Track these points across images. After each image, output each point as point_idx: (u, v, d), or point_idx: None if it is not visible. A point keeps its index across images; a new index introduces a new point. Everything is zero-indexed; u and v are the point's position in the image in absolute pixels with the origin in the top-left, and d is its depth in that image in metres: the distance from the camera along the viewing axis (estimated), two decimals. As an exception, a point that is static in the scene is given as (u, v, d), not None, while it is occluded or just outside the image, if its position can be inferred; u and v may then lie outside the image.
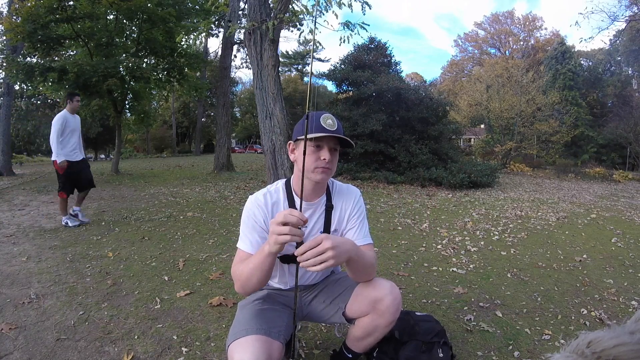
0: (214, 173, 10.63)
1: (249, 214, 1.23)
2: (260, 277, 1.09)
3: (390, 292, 1.23)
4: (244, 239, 1.21)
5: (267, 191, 1.26)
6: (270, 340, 1.11)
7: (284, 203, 1.25)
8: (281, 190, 1.27)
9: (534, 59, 27.93)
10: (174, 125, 30.75)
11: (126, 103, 11.23)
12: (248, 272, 1.09)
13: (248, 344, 1.07)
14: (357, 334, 1.34)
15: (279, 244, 0.97)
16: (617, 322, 2.04)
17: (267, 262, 1.05)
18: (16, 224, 4.19)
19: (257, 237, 1.20)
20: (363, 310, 1.27)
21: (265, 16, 4.93)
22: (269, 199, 1.24)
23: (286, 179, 1.31)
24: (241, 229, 1.24)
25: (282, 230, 0.95)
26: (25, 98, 20.12)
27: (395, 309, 1.24)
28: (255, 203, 1.23)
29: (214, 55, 25.29)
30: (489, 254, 3.38)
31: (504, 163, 15.31)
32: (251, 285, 1.11)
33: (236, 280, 1.15)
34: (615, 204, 7.01)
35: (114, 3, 8.85)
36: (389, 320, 1.26)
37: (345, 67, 10.75)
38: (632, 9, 14.65)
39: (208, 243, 3.50)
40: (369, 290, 1.25)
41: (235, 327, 1.17)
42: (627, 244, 3.89)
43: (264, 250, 1.03)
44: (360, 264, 1.13)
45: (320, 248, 0.94)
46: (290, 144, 1.24)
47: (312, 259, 0.94)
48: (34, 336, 1.80)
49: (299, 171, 1.15)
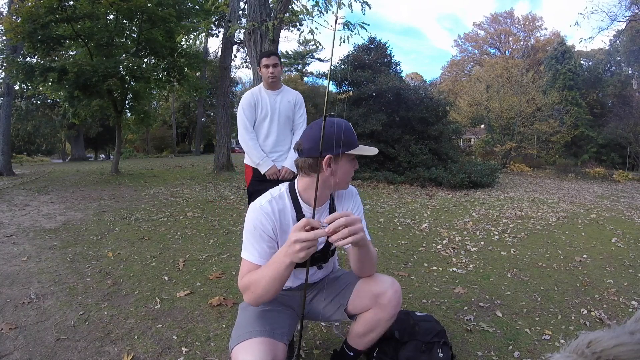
0: (214, 173, 10.62)
1: (255, 223, 1.15)
2: (278, 288, 1.06)
3: (391, 285, 1.27)
4: (250, 250, 1.15)
5: (271, 197, 1.20)
6: (275, 342, 1.11)
7: (291, 211, 1.20)
8: (286, 196, 1.22)
9: (534, 59, 27.91)
10: (174, 125, 30.72)
11: (126, 103, 11.21)
12: (266, 285, 1.04)
13: (253, 347, 1.06)
14: (359, 330, 1.34)
15: (303, 255, 0.93)
16: (617, 322, 2.04)
17: (287, 273, 1.02)
18: (16, 224, 4.19)
19: (266, 247, 1.15)
20: (365, 305, 1.29)
21: (265, 16, 4.94)
22: (275, 206, 1.18)
23: (288, 183, 1.26)
24: (246, 239, 1.17)
25: (309, 243, 0.92)
26: (25, 98, 20.10)
27: (397, 302, 1.27)
28: (262, 211, 1.16)
29: (214, 55, 25.27)
30: (489, 254, 3.38)
31: (504, 163, 15.31)
32: (268, 296, 1.08)
33: (249, 292, 1.10)
34: (615, 204, 7.01)
35: (114, 3, 8.84)
36: (390, 313, 1.28)
37: (345, 67, 10.75)
38: (632, 9, 14.65)
39: (208, 243, 3.50)
40: (370, 285, 1.29)
41: (239, 330, 1.16)
42: (627, 244, 3.89)
43: (284, 261, 0.98)
44: (369, 251, 1.17)
45: (352, 219, 0.94)
46: (329, 158, 1.11)
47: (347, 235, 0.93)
48: (34, 336, 1.80)
49: (326, 181, 1.15)
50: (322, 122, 1.06)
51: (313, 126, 1.16)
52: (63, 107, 12.34)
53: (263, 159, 2.43)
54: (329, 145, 1.07)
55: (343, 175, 1.16)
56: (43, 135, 24.37)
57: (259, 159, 2.43)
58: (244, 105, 2.46)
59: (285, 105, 2.51)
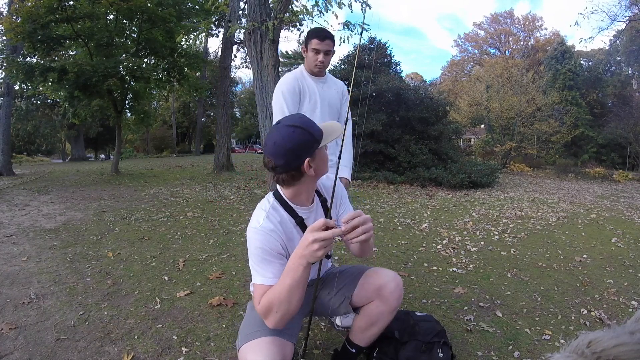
0: (214, 173, 10.63)
1: (262, 245, 1.10)
2: (301, 295, 1.01)
3: (393, 279, 1.31)
4: (262, 273, 1.09)
5: (266, 213, 1.15)
6: (284, 342, 1.11)
7: (289, 218, 1.19)
8: (278, 206, 1.19)
9: (534, 59, 27.92)
10: (174, 125, 30.73)
11: (126, 103, 11.23)
12: (288, 295, 1.00)
13: (262, 346, 1.06)
14: (361, 324, 1.37)
15: (321, 253, 0.94)
16: (617, 322, 2.04)
17: (306, 275, 0.99)
18: (16, 224, 4.19)
19: (278, 266, 1.10)
20: (368, 297, 1.33)
21: (265, 16, 4.94)
22: (274, 220, 1.15)
23: (272, 191, 1.24)
24: (255, 264, 1.11)
25: (326, 242, 0.94)
26: (25, 98, 20.07)
27: (398, 294, 1.31)
28: (265, 231, 1.11)
29: (214, 55, 25.26)
30: (489, 254, 3.38)
31: (504, 163, 15.31)
32: (293, 308, 1.02)
33: (272, 313, 1.03)
34: (615, 204, 7.01)
35: (114, 3, 8.84)
36: (392, 306, 1.31)
37: (345, 67, 10.75)
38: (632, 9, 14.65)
39: (208, 243, 3.50)
40: (373, 278, 1.34)
41: (247, 329, 1.15)
42: (627, 244, 3.89)
43: (301, 264, 0.96)
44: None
45: (365, 218, 0.98)
46: (308, 161, 1.08)
47: (361, 234, 0.97)
48: (34, 336, 1.80)
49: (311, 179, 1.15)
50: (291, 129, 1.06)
51: (275, 139, 1.07)
52: (63, 107, 12.35)
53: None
54: (302, 152, 1.06)
55: (323, 164, 1.16)
56: (43, 135, 24.35)
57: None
58: (285, 91, 1.98)
59: (334, 95, 2.12)
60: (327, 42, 1.92)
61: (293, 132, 1.05)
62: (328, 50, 1.94)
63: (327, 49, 1.94)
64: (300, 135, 1.06)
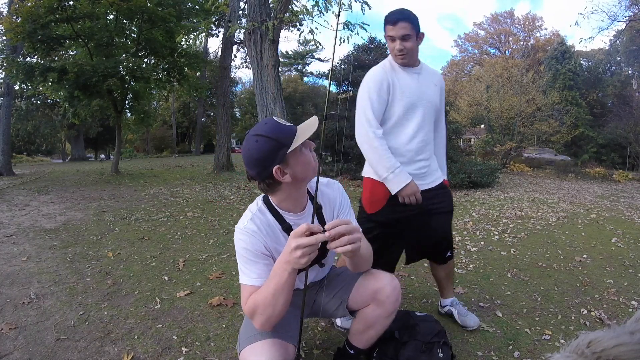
0: (214, 173, 10.63)
1: (245, 245, 1.10)
2: (287, 299, 1.01)
3: (389, 282, 1.28)
4: (247, 273, 1.10)
5: (252, 215, 1.15)
6: (285, 344, 1.11)
7: (275, 223, 1.16)
8: (265, 209, 1.18)
9: (534, 59, 27.90)
10: (174, 125, 30.73)
11: (126, 103, 11.24)
12: (272, 299, 0.99)
13: (263, 349, 1.05)
14: (359, 327, 1.36)
15: (305, 260, 0.91)
16: (617, 322, 2.04)
17: (291, 280, 0.98)
18: (16, 224, 4.19)
19: (262, 266, 1.10)
20: (365, 301, 1.31)
21: (265, 16, 4.94)
22: (258, 222, 1.14)
23: (263, 195, 1.21)
24: (240, 264, 1.13)
25: (310, 248, 0.90)
26: (25, 98, 20.09)
27: (395, 298, 1.27)
28: (247, 232, 1.11)
29: (214, 55, 25.26)
30: (489, 254, 3.37)
31: (504, 163, 15.30)
32: (278, 311, 1.02)
33: (258, 315, 1.04)
34: (615, 204, 7.01)
35: (114, 3, 8.85)
36: (389, 310, 1.28)
37: (345, 67, 10.75)
38: (632, 9, 14.66)
39: (208, 243, 3.50)
40: (370, 281, 1.31)
41: (247, 331, 1.15)
42: (627, 244, 3.89)
43: (285, 269, 0.95)
44: (362, 255, 1.16)
45: (351, 228, 0.93)
46: (277, 169, 1.04)
47: (346, 243, 0.91)
48: (34, 336, 1.80)
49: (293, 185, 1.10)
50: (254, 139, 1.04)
51: (244, 150, 1.07)
52: (63, 107, 12.35)
53: (396, 170, 1.59)
54: (267, 161, 1.03)
55: (302, 168, 1.08)
56: (43, 135, 24.37)
57: (389, 169, 1.60)
58: (371, 86, 1.65)
59: (432, 90, 1.74)
60: (401, 25, 1.56)
61: (256, 142, 1.03)
62: (405, 34, 1.57)
63: (403, 34, 1.57)
64: (263, 144, 1.02)
